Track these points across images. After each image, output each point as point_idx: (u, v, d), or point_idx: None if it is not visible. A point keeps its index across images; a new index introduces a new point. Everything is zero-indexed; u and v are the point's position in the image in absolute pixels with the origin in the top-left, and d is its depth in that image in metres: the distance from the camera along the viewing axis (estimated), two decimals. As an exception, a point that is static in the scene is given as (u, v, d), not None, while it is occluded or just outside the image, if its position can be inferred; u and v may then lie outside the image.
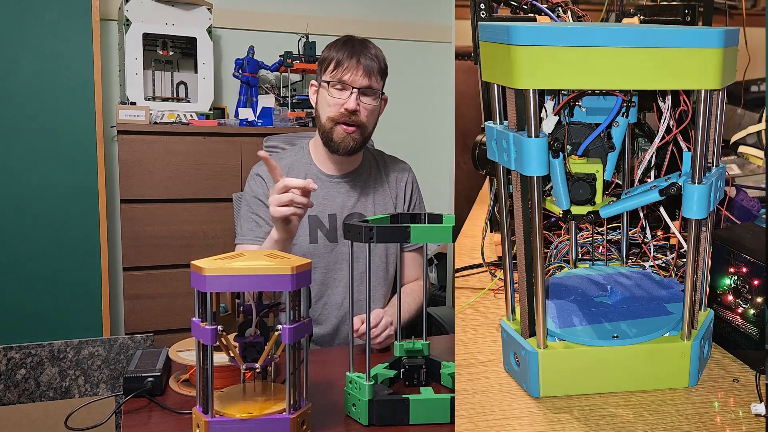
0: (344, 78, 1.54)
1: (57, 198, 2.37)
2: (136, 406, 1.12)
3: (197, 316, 0.94)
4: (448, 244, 2.83)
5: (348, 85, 1.54)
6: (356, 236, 1.06)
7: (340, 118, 1.56)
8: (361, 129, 1.58)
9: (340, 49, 1.57)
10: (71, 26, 2.36)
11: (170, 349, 1.23)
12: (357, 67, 1.54)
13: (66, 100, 2.36)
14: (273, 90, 2.74)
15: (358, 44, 1.58)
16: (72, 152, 2.38)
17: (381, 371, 1.17)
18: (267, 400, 1.00)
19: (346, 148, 1.58)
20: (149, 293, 2.37)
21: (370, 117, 1.59)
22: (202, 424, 0.94)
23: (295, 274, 0.93)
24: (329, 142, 1.59)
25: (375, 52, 1.58)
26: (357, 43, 1.58)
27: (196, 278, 0.93)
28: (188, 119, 2.44)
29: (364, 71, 1.54)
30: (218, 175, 2.42)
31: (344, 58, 1.55)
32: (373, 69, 1.56)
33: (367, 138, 1.63)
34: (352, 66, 1.54)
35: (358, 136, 1.58)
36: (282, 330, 0.94)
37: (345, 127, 1.56)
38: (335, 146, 1.58)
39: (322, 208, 1.64)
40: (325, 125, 1.58)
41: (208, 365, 0.94)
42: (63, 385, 2.42)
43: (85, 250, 2.41)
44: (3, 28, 2.28)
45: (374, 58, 1.57)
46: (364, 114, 1.57)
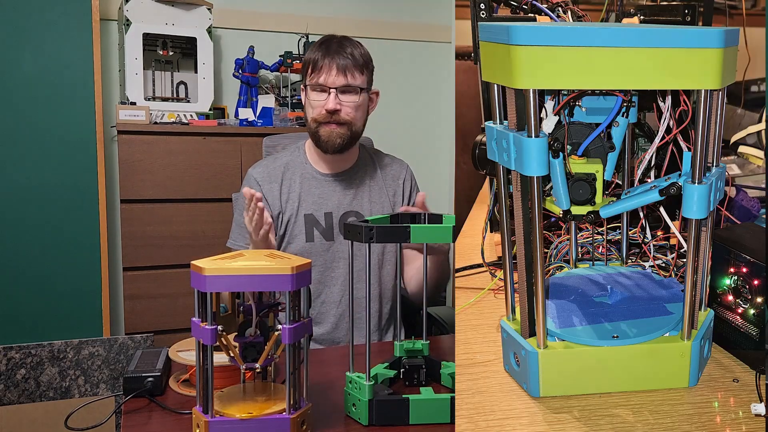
0: (320, 80, 1.56)
1: (57, 198, 2.37)
2: (136, 406, 1.12)
3: (197, 316, 0.94)
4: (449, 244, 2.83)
5: (326, 86, 1.56)
6: (356, 236, 1.06)
7: (323, 119, 1.58)
8: (347, 125, 1.59)
9: (316, 51, 1.59)
10: (71, 26, 2.36)
11: (170, 349, 1.23)
12: (331, 67, 1.55)
13: (66, 100, 2.36)
14: (273, 90, 2.74)
15: (334, 44, 1.58)
16: (72, 152, 2.38)
17: (381, 371, 1.17)
18: (267, 400, 1.00)
19: (334, 146, 1.59)
20: (149, 293, 2.37)
21: (354, 113, 1.59)
22: (202, 424, 0.94)
23: (295, 274, 0.93)
24: (318, 143, 1.61)
25: (351, 50, 1.58)
26: (333, 43, 1.59)
27: (196, 278, 0.93)
28: (188, 119, 2.44)
29: (338, 70, 1.55)
30: (218, 175, 2.42)
31: (319, 59, 1.57)
32: (348, 67, 1.56)
33: (357, 134, 1.63)
34: (326, 67, 1.55)
35: (344, 132, 1.59)
36: (282, 330, 0.95)
37: (329, 125, 1.58)
38: (324, 146, 1.60)
39: (318, 207, 1.65)
40: (311, 126, 1.61)
41: (208, 365, 0.94)
42: (63, 385, 2.42)
43: (85, 250, 2.41)
44: (3, 28, 2.28)
45: (349, 56, 1.57)
46: (346, 112, 1.57)
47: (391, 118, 3.12)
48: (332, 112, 1.56)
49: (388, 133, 2.86)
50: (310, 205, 1.65)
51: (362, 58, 1.59)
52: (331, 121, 1.57)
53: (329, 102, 1.55)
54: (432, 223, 1.21)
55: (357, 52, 1.59)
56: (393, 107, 3.13)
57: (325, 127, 1.58)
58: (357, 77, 1.58)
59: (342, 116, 1.57)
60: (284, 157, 1.71)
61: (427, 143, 3.23)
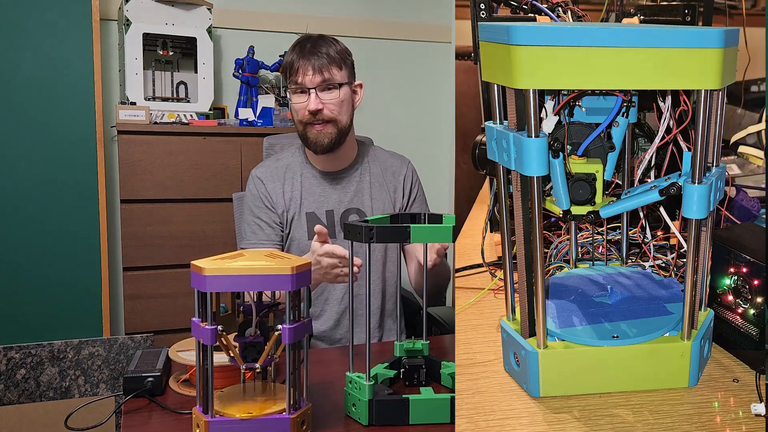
0: (299, 81, 1.56)
1: (57, 198, 2.37)
2: (136, 406, 1.12)
3: (197, 316, 0.94)
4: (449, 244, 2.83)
5: (304, 87, 1.56)
6: (356, 236, 1.06)
7: (308, 120, 1.58)
8: (333, 123, 1.59)
9: (291, 53, 1.59)
10: (71, 26, 2.36)
11: (170, 349, 1.23)
12: (307, 67, 1.55)
13: (66, 100, 2.36)
14: (273, 90, 2.74)
15: (309, 44, 1.58)
16: (72, 152, 2.38)
17: (381, 371, 1.17)
18: (267, 400, 1.00)
19: (322, 145, 1.59)
20: (149, 293, 2.37)
21: (338, 109, 1.59)
22: (202, 424, 0.94)
23: (295, 274, 0.93)
24: (308, 144, 1.62)
25: (326, 49, 1.58)
26: (308, 43, 1.58)
27: (196, 278, 0.93)
28: (188, 119, 2.44)
29: (314, 70, 1.55)
30: (218, 175, 2.42)
31: (295, 61, 1.57)
32: (324, 65, 1.56)
33: (344, 130, 1.62)
34: (302, 67, 1.56)
35: (331, 130, 1.59)
36: (282, 330, 0.95)
37: (316, 126, 1.58)
38: (313, 147, 1.61)
39: (319, 205, 1.66)
40: (299, 129, 1.61)
41: (208, 365, 0.94)
42: (63, 385, 2.42)
43: (85, 250, 2.41)
44: (3, 28, 2.29)
45: (324, 55, 1.56)
46: (329, 109, 1.57)
47: (391, 118, 3.12)
48: (314, 112, 1.56)
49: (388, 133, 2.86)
50: (311, 204, 1.66)
51: (338, 54, 1.59)
52: (314, 122, 1.57)
53: (310, 102, 1.55)
54: (432, 223, 1.21)
55: (332, 50, 1.59)
56: (393, 107, 3.13)
57: (312, 128, 1.58)
58: (335, 73, 1.57)
59: (325, 114, 1.57)
60: (285, 158, 1.72)
61: (427, 143, 3.23)
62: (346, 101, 1.61)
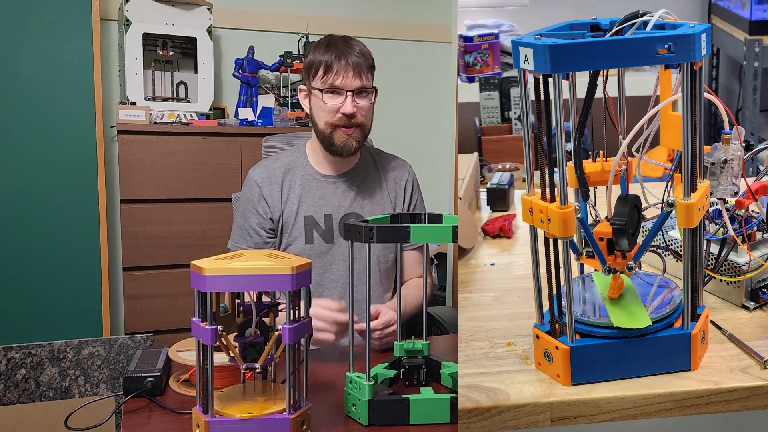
0: (336, 83, 1.53)
1: (57, 198, 2.37)
2: (136, 406, 1.12)
3: (197, 316, 0.94)
4: (449, 244, 2.83)
5: (341, 89, 1.53)
6: (356, 236, 1.06)
7: (340, 123, 1.55)
8: (361, 128, 1.58)
9: (326, 52, 1.54)
10: (71, 26, 2.36)
11: (170, 349, 1.23)
12: (347, 69, 1.52)
13: (66, 100, 2.37)
14: (273, 90, 2.74)
15: (342, 44, 1.55)
16: (72, 152, 2.38)
17: (381, 371, 1.17)
18: (267, 400, 1.00)
19: (350, 150, 1.58)
20: (149, 293, 2.37)
21: (367, 115, 1.58)
22: (202, 424, 0.94)
23: (295, 274, 0.93)
24: (331, 147, 1.58)
25: (360, 49, 1.56)
26: (341, 43, 1.56)
27: (196, 278, 0.93)
28: (188, 119, 2.44)
29: (354, 72, 1.52)
30: (218, 175, 2.42)
31: (333, 62, 1.53)
32: (363, 67, 1.54)
33: (367, 135, 1.63)
34: (341, 69, 1.52)
35: (358, 135, 1.58)
36: (282, 330, 0.94)
37: (345, 129, 1.55)
38: (338, 149, 1.58)
39: (318, 209, 1.63)
40: (324, 131, 1.57)
41: (208, 365, 0.94)
42: (63, 385, 2.42)
43: (85, 250, 2.41)
44: (3, 28, 2.29)
45: (361, 54, 1.55)
46: (361, 114, 1.56)
47: (391, 118, 3.12)
48: (350, 115, 1.53)
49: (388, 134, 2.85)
50: (310, 207, 1.63)
51: (370, 58, 1.58)
52: (347, 125, 1.54)
53: (347, 106, 1.52)
54: (432, 223, 1.20)
55: (366, 51, 1.58)
56: (393, 107, 3.13)
57: (341, 131, 1.55)
58: (369, 78, 1.56)
59: (358, 119, 1.56)
60: (285, 158, 1.68)
61: (427, 143, 3.23)
62: (371, 108, 1.60)
